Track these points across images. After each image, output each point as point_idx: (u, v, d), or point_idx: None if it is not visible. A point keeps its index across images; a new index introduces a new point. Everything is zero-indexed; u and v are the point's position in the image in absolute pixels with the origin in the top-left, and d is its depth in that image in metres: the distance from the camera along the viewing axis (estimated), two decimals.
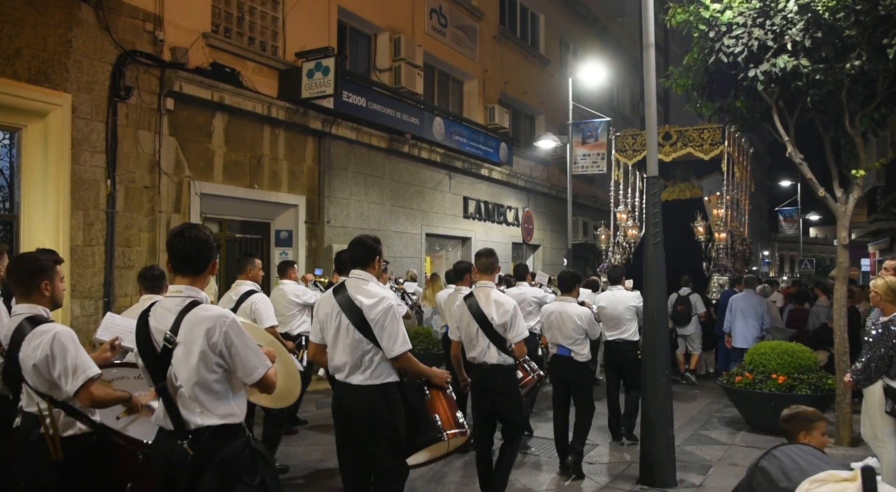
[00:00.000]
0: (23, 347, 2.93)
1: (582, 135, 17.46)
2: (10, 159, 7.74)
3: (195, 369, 2.63)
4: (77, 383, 2.86)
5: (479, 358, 4.80)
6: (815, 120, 7.40)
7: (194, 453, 2.62)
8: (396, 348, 3.59)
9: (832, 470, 1.71)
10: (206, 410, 2.66)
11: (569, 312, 5.99)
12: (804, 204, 36.37)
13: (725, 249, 12.48)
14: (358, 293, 3.66)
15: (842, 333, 7.06)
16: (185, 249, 2.76)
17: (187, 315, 2.66)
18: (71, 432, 2.98)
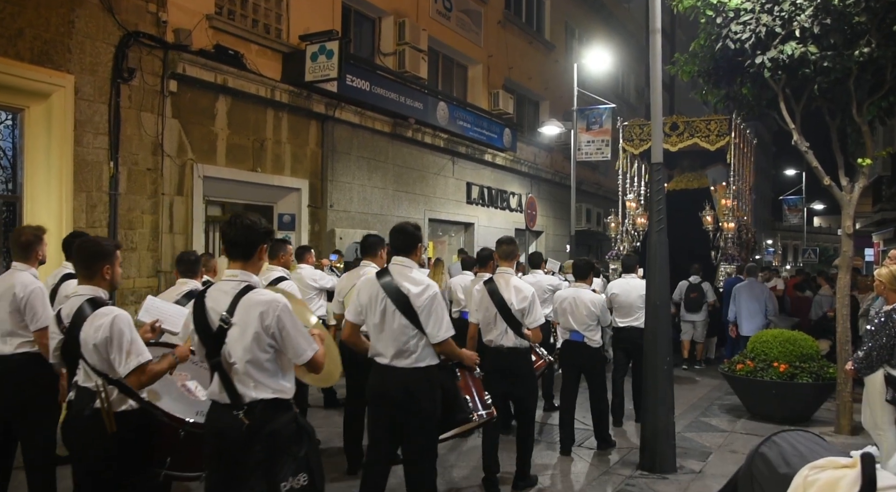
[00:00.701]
0: (84, 328, 3.10)
1: (586, 121, 17.38)
2: (13, 140, 7.73)
3: (249, 348, 2.85)
4: (130, 367, 3.05)
5: (497, 341, 4.96)
6: (821, 108, 7.34)
7: (249, 422, 2.83)
8: (441, 334, 3.80)
9: (832, 457, 1.71)
10: (260, 384, 2.87)
11: (583, 298, 6.16)
12: (809, 193, 36.25)
13: (733, 239, 12.62)
14: (404, 280, 3.82)
15: (844, 322, 7.05)
16: (234, 235, 2.99)
17: (242, 298, 2.88)
18: (123, 407, 3.16)
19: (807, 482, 1.65)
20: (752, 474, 1.92)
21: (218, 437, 2.92)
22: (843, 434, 6.87)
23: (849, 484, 1.56)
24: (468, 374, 4.27)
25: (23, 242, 4.20)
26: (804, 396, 7.42)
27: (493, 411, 4.29)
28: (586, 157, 17.57)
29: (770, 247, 45.59)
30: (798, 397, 7.40)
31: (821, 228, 55.35)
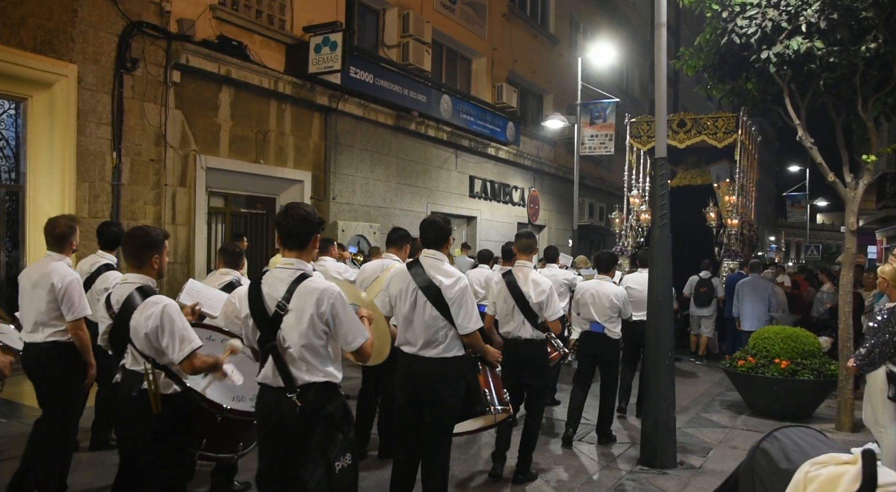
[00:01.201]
0: (135, 316, 3.21)
1: (590, 115, 17.33)
2: (16, 129, 7.73)
3: (304, 334, 2.96)
4: (183, 354, 3.16)
5: (514, 332, 5.06)
6: (826, 104, 7.30)
7: (302, 405, 2.94)
8: (471, 325, 3.90)
9: (833, 453, 1.70)
10: (313, 368, 2.99)
11: (606, 291, 6.29)
12: (812, 189, 36.16)
13: (736, 235, 12.72)
14: (437, 273, 3.91)
15: (846, 319, 7.03)
16: (290, 226, 3.10)
17: (299, 286, 2.99)
18: (168, 391, 3.30)
19: (808, 478, 1.65)
20: (754, 469, 1.91)
21: (271, 419, 3.03)
22: (843, 431, 6.86)
23: (849, 480, 1.55)
24: (489, 369, 4.39)
25: (58, 233, 4.26)
26: (805, 392, 7.41)
27: (509, 409, 4.43)
28: (590, 151, 17.53)
29: (773, 243, 45.52)
30: (799, 393, 7.39)
31: (824, 224, 55.24)
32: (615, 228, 14.28)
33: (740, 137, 12.80)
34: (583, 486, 5.17)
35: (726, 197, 13.00)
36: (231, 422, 3.48)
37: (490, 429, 4.78)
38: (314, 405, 2.96)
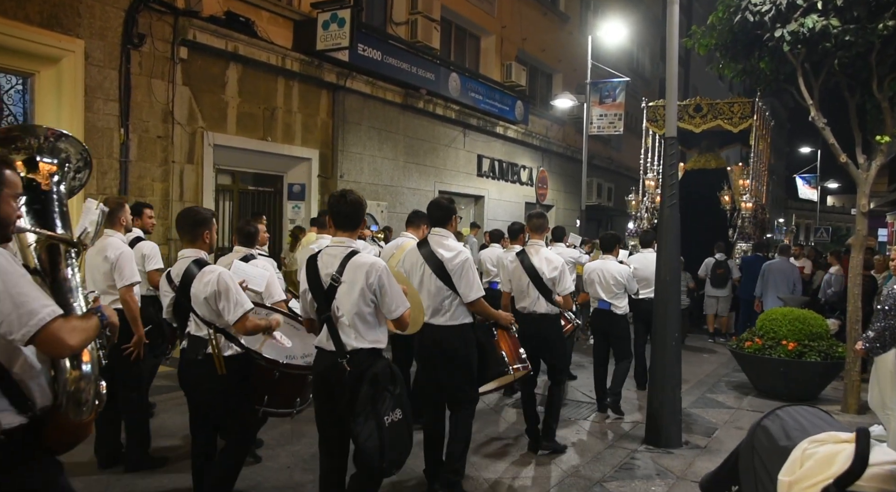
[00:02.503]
0: (194, 284, 3.62)
1: (599, 95, 17.17)
2: (24, 105, 7.71)
3: (356, 303, 3.32)
4: (236, 315, 3.55)
5: (529, 308, 5.35)
6: (840, 83, 7.20)
7: (351, 368, 3.29)
8: (472, 294, 4.26)
9: (834, 432, 1.70)
10: (361, 335, 3.35)
11: (610, 269, 6.67)
12: (823, 171, 35.83)
13: (750, 218, 13.00)
14: (439, 248, 4.30)
15: (855, 302, 7.00)
16: (345, 208, 3.49)
17: (350, 261, 3.36)
18: (229, 352, 3.69)
19: (805, 455, 1.65)
20: (754, 445, 1.92)
21: (325, 380, 3.41)
22: (850, 413, 6.86)
23: (845, 459, 1.55)
24: (505, 332, 4.73)
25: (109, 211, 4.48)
26: (812, 374, 7.40)
27: (528, 365, 4.79)
28: (598, 131, 17.40)
29: (782, 225, 45.28)
30: (805, 375, 7.39)
31: (834, 207, 54.83)
32: (631, 210, 14.56)
33: (755, 123, 12.97)
34: (587, 464, 5.20)
35: (740, 181, 13.33)
36: (288, 378, 3.89)
37: (510, 384, 5.22)
38: (361, 368, 3.29)
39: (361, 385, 3.24)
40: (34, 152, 2.47)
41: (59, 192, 2.54)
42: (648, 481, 4.87)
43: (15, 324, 1.94)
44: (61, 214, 2.54)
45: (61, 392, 2.16)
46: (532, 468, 5.09)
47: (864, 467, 1.51)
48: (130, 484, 4.51)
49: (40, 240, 2.40)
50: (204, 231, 3.82)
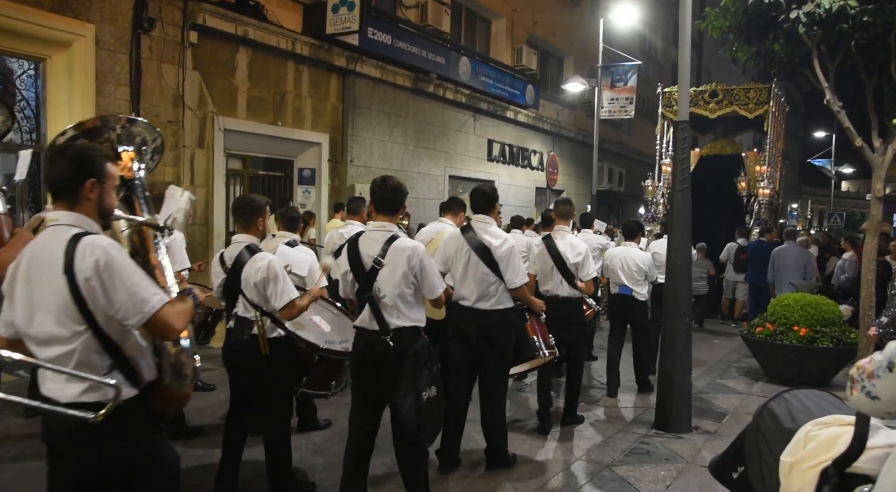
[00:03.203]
0: (245, 269, 3.77)
1: (611, 78, 17.02)
2: (36, 90, 7.73)
3: (398, 284, 3.51)
4: (283, 302, 3.70)
5: (552, 291, 5.56)
6: (857, 65, 7.11)
7: (394, 345, 3.49)
8: (518, 280, 4.45)
9: (839, 415, 1.70)
10: (403, 314, 3.55)
11: (633, 256, 6.79)
12: (838, 156, 35.43)
13: (767, 204, 13.16)
14: (486, 235, 4.44)
15: (868, 287, 6.94)
16: (387, 194, 3.67)
17: (392, 244, 3.55)
18: (273, 334, 3.86)
19: (808, 437, 1.66)
20: (759, 427, 1.93)
21: (367, 357, 3.60)
22: None
23: (846, 441, 1.55)
24: (535, 318, 4.97)
25: (156, 195, 4.61)
26: (824, 360, 7.36)
27: (555, 352, 5.03)
28: (609, 115, 17.28)
29: (794, 211, 44.93)
30: (817, 361, 7.35)
31: (848, 192, 54.29)
32: (647, 195, 14.68)
33: (772, 109, 13.05)
34: (597, 448, 5.21)
35: (756, 167, 13.47)
36: (326, 362, 4.09)
37: (538, 368, 5.36)
38: (403, 345, 3.50)
39: (404, 361, 3.46)
40: (115, 144, 2.63)
41: (141, 178, 2.70)
42: (658, 465, 4.88)
43: (130, 311, 2.16)
44: (145, 199, 2.72)
45: (165, 367, 2.42)
46: (541, 452, 5.10)
47: (862, 449, 1.51)
48: None
49: (132, 226, 2.60)
50: (258, 218, 3.97)
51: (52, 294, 2.15)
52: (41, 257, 2.20)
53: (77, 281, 2.12)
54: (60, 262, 2.13)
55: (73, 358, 2.17)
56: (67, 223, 2.22)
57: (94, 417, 2.12)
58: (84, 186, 2.24)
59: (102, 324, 2.18)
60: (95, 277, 2.12)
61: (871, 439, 1.54)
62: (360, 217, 6.85)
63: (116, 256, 2.18)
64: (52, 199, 2.32)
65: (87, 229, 2.23)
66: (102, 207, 2.31)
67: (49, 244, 2.19)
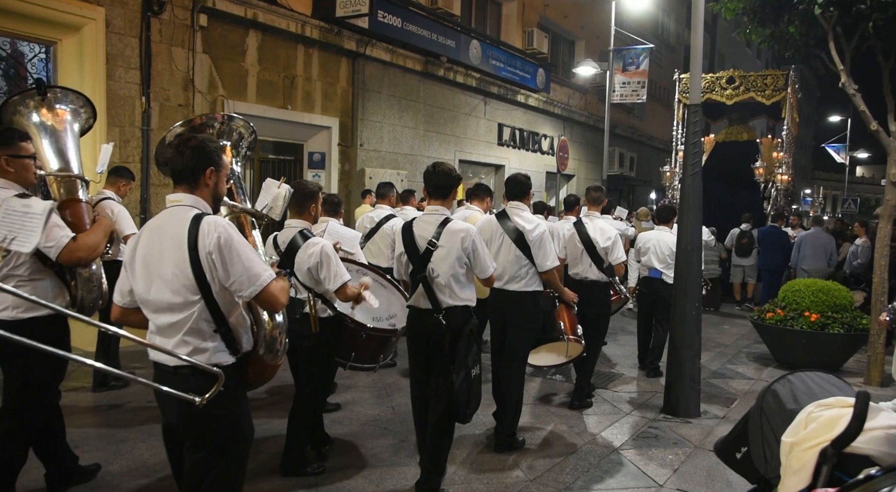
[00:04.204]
0: (299, 253, 3.92)
1: (623, 62, 16.87)
2: (47, 74, 7.75)
3: (452, 265, 3.72)
4: (336, 285, 3.82)
5: (581, 274, 5.84)
6: (874, 48, 6.99)
7: (447, 323, 3.71)
8: (548, 264, 4.67)
9: (842, 396, 1.70)
10: (455, 294, 3.76)
11: (665, 240, 6.99)
12: (853, 141, 35.10)
13: (785, 190, 13.46)
14: (519, 220, 4.70)
15: (881, 273, 6.89)
16: (438, 179, 3.86)
17: (445, 227, 3.74)
18: (323, 314, 4.06)
19: (810, 418, 1.66)
20: (762, 408, 1.95)
21: (421, 335, 3.83)
22: (873, 385, 6.81)
23: (847, 422, 1.55)
24: (566, 307, 5.19)
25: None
26: (834, 346, 7.33)
27: (581, 342, 5.18)
28: (621, 99, 17.14)
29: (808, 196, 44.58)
30: (828, 347, 7.31)
31: (863, 177, 53.84)
32: (665, 181, 14.91)
33: (789, 96, 13.21)
34: (605, 432, 5.22)
35: (773, 153, 13.76)
36: (373, 338, 4.27)
37: (568, 364, 5.51)
38: (456, 323, 3.72)
39: (460, 339, 3.67)
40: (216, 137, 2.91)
41: (237, 169, 3.00)
42: (666, 449, 4.89)
43: (245, 283, 2.44)
44: (243, 189, 3.06)
45: (261, 339, 2.69)
46: (549, 436, 5.12)
47: (860, 429, 1.52)
48: None
49: (233, 212, 2.88)
50: (311, 204, 4.11)
51: (172, 266, 2.41)
52: (164, 233, 2.45)
53: (199, 255, 2.38)
54: (185, 237, 2.39)
55: (186, 325, 2.44)
56: (188, 204, 2.51)
57: (201, 400, 2.37)
58: (205, 173, 2.55)
59: (216, 294, 2.45)
60: (217, 251, 2.39)
61: (873, 420, 1.54)
62: (389, 201, 7.17)
63: (234, 235, 2.44)
64: (174, 183, 2.57)
65: (204, 211, 2.52)
66: (216, 193, 2.63)
67: (172, 222, 2.46)
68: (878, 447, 1.51)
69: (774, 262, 11.47)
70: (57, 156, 3.61)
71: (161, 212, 2.55)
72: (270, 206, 3.36)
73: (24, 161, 3.32)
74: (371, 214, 7.10)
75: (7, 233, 2.64)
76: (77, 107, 3.75)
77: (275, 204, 3.43)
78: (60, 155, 3.62)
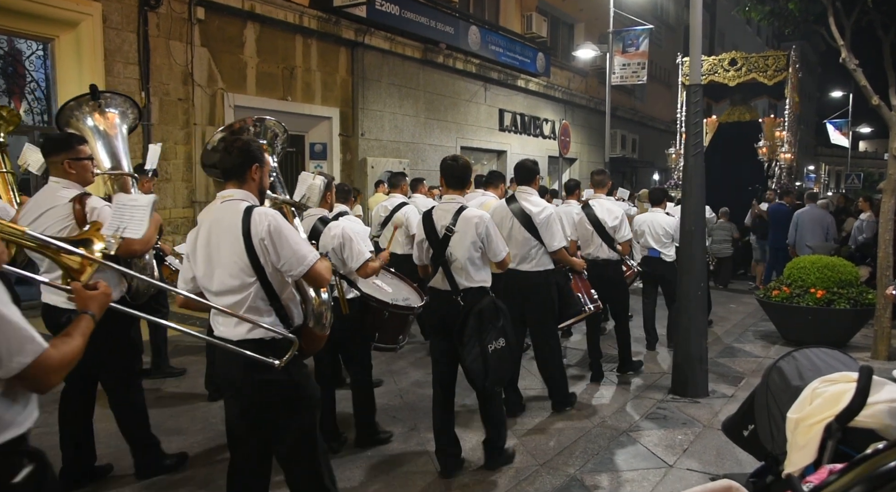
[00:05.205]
0: (322, 237, 4.16)
1: (622, 44, 16.78)
2: (45, 71, 7.76)
3: (468, 249, 3.96)
4: (359, 262, 4.10)
5: (593, 254, 6.12)
6: (874, 22, 6.95)
7: (464, 304, 3.95)
8: (556, 244, 4.96)
9: (847, 372, 1.71)
10: (471, 276, 4.00)
11: (659, 221, 7.30)
12: (855, 116, 34.87)
13: (789, 168, 13.56)
14: (527, 203, 4.96)
15: (886, 248, 6.87)
16: (457, 172, 4.12)
17: (461, 214, 3.99)
18: (350, 296, 4.23)
19: (814, 394, 1.67)
20: (768, 385, 1.97)
21: (440, 314, 4.07)
22: (880, 359, 6.81)
23: (850, 397, 1.57)
24: (578, 277, 5.53)
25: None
26: (841, 322, 7.33)
27: (599, 304, 5.63)
28: (622, 81, 17.07)
29: (811, 173, 44.36)
30: (835, 323, 7.32)
31: (866, 152, 53.55)
32: (671, 163, 15.07)
33: (790, 76, 13.33)
34: (614, 414, 5.25)
35: (776, 132, 13.89)
36: (395, 317, 4.48)
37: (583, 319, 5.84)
38: (471, 303, 3.94)
39: (470, 317, 3.90)
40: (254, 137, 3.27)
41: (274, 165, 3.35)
42: (675, 429, 4.91)
43: (294, 264, 2.73)
44: (280, 182, 3.39)
45: (310, 314, 3.01)
46: (558, 418, 5.15)
47: (863, 403, 1.53)
48: None
49: (275, 203, 3.19)
50: (326, 193, 4.40)
51: (230, 253, 2.72)
52: (221, 225, 2.76)
53: (253, 241, 2.68)
54: (239, 227, 2.70)
55: (245, 304, 2.74)
56: (239, 198, 2.81)
57: (280, 363, 2.69)
58: (251, 170, 2.86)
59: (269, 276, 2.74)
60: (268, 237, 2.69)
61: (877, 394, 1.55)
62: (402, 190, 7.47)
63: (282, 222, 2.76)
64: (224, 180, 2.89)
65: (253, 203, 2.81)
66: (262, 186, 2.94)
67: (227, 214, 2.76)
68: (883, 421, 1.52)
69: (783, 239, 11.44)
70: (109, 156, 4.03)
71: (215, 206, 2.85)
72: (307, 196, 3.77)
73: (84, 163, 3.64)
74: (385, 202, 7.42)
75: (119, 224, 2.95)
76: (125, 109, 4.14)
77: (311, 194, 3.83)
78: (112, 155, 4.04)
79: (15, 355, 1.63)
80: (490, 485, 3.98)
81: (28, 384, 1.70)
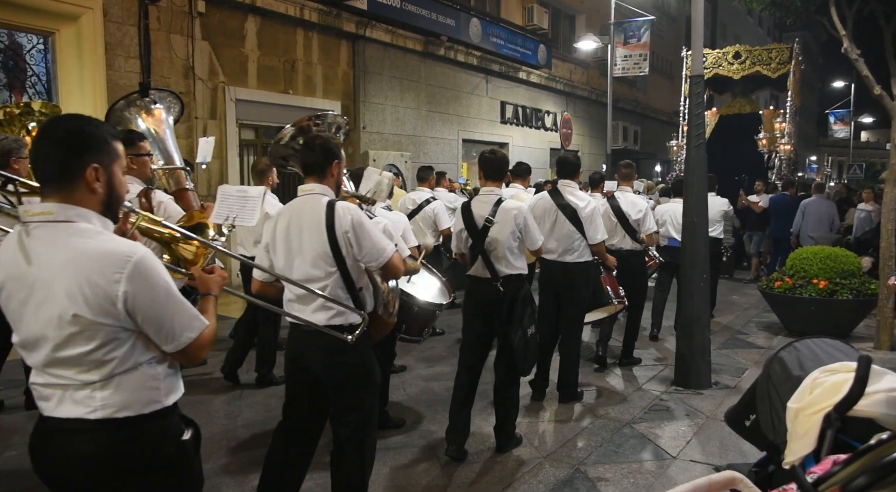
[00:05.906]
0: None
1: (624, 35, 16.73)
2: (46, 65, 7.75)
3: (507, 238, 4.16)
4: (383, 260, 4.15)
5: (617, 245, 6.25)
6: (875, 12, 6.93)
7: (504, 290, 4.15)
8: (598, 237, 5.21)
9: (847, 361, 1.72)
10: (510, 264, 4.20)
11: (681, 211, 7.13)
12: (857, 106, 34.77)
13: (788, 159, 13.66)
14: (572, 197, 5.17)
15: (888, 238, 6.87)
16: (495, 164, 4.34)
17: (500, 206, 4.18)
18: None
19: (814, 384, 1.68)
20: (769, 375, 1.97)
21: (480, 301, 4.26)
22: (882, 349, 6.82)
23: (850, 387, 1.57)
24: (607, 272, 5.72)
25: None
26: (844, 312, 7.33)
27: (624, 301, 5.80)
28: (623, 72, 17.03)
29: (813, 164, 44.25)
30: (837, 313, 7.32)
31: (868, 142, 53.38)
32: (672, 155, 15.13)
33: (793, 69, 13.45)
34: (617, 406, 5.26)
35: (776, 124, 14.00)
36: (424, 312, 4.62)
37: (607, 319, 6.04)
38: (512, 289, 4.16)
39: (516, 303, 4.11)
40: None
41: None
42: (678, 421, 4.92)
43: (374, 256, 2.93)
44: (346, 177, 3.52)
45: (379, 301, 3.17)
46: (561, 410, 5.16)
47: (862, 393, 1.53)
48: None
49: (345, 197, 3.30)
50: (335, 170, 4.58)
51: (312, 244, 2.89)
52: (302, 217, 2.93)
53: (336, 234, 2.86)
54: (322, 220, 2.87)
55: (325, 292, 2.89)
56: (319, 192, 2.98)
57: (352, 338, 2.82)
58: (331, 166, 3.03)
59: (349, 266, 2.91)
60: (352, 230, 2.86)
61: (875, 383, 1.56)
62: (429, 184, 7.54)
63: (363, 216, 2.95)
64: (305, 175, 3.05)
65: (332, 198, 2.98)
66: (339, 181, 3.11)
67: (309, 207, 2.93)
68: (882, 410, 1.53)
69: (785, 230, 11.44)
70: (161, 152, 4.15)
71: (295, 199, 3.01)
72: (374, 191, 3.95)
73: (144, 158, 3.80)
74: (412, 195, 7.45)
75: (228, 213, 3.08)
76: (169, 104, 4.26)
77: (378, 189, 4.01)
78: (164, 150, 4.16)
79: (186, 331, 1.85)
80: (494, 476, 4.00)
81: (185, 357, 1.90)
